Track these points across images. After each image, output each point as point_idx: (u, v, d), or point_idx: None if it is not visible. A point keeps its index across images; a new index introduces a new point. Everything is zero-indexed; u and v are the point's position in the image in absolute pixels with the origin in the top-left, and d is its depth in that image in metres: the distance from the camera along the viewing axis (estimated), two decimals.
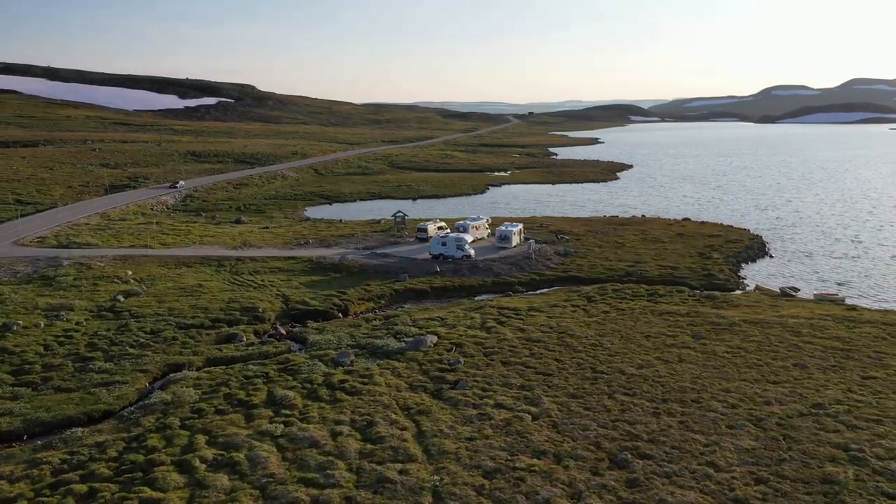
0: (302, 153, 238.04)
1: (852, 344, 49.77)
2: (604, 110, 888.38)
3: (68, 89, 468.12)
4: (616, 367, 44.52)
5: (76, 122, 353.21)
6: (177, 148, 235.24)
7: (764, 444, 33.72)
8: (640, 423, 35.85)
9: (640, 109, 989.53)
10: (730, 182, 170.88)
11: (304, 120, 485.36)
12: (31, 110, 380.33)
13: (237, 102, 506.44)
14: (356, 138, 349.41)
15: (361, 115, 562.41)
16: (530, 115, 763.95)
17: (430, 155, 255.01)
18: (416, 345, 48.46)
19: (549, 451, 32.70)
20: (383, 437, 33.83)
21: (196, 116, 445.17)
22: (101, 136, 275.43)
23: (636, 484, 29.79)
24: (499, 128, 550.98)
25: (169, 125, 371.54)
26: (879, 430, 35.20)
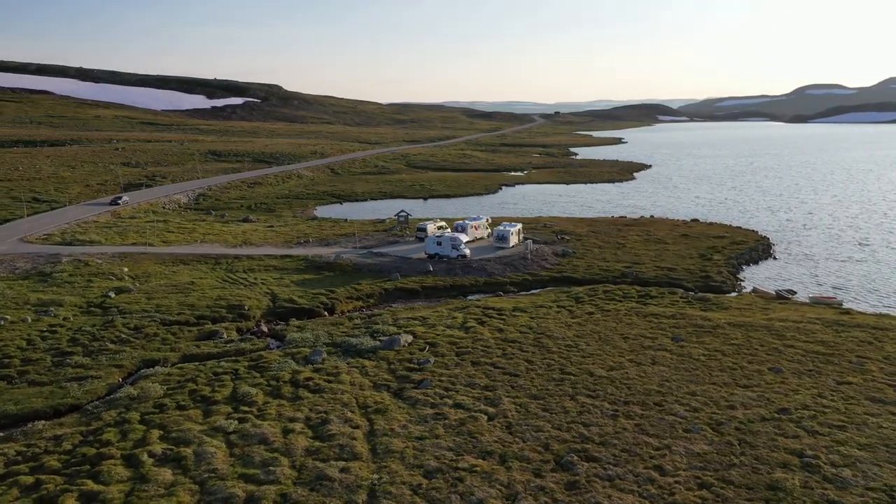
0: (321, 153, 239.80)
1: (836, 348, 48.75)
2: (631, 110, 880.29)
3: (99, 90, 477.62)
4: (586, 368, 44.15)
5: (105, 122, 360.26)
6: (198, 147, 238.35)
7: (717, 448, 33.21)
8: (595, 426, 35.53)
9: (668, 109, 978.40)
10: (746, 183, 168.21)
11: (329, 120, 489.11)
12: (63, 110, 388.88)
13: (263, 102, 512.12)
14: (378, 138, 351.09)
15: (386, 115, 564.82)
16: (556, 115, 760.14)
17: (448, 154, 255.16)
18: (389, 344, 48.60)
19: (495, 451, 32.58)
20: (333, 434, 34.00)
21: (222, 116, 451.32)
22: (127, 136, 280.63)
23: (576, 486, 29.55)
24: (523, 127, 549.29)
25: (195, 125, 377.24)
26: (841, 436, 34.45)
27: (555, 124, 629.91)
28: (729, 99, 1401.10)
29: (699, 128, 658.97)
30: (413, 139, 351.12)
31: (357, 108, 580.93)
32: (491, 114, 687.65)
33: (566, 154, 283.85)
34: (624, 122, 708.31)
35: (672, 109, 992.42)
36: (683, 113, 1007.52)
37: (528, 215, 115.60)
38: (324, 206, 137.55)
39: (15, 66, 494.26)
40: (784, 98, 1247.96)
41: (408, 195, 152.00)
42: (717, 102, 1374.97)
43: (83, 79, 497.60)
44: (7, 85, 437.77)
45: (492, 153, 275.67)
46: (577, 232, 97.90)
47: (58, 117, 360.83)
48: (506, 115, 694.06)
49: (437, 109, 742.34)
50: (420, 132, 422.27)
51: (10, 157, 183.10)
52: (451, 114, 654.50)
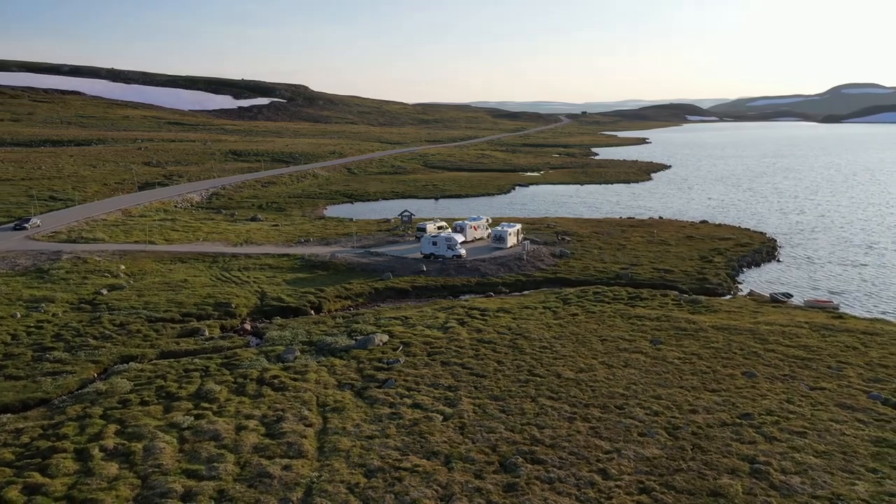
0: (339, 152, 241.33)
1: (817, 353, 47.81)
2: (659, 109, 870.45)
3: (129, 90, 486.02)
4: (555, 370, 43.88)
5: (133, 122, 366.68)
6: (220, 147, 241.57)
7: (668, 453, 32.78)
8: (549, 428, 35.29)
9: (697, 109, 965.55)
10: (763, 184, 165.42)
11: (353, 119, 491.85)
12: (93, 110, 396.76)
13: (289, 102, 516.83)
14: (400, 138, 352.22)
15: (410, 115, 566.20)
16: (583, 115, 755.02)
17: (466, 154, 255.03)
18: (363, 343, 48.80)
19: (442, 452, 32.55)
20: (285, 432, 34.26)
21: (248, 116, 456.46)
22: (152, 136, 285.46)
23: (514, 489, 29.39)
24: (548, 127, 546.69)
25: (220, 125, 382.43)
26: (799, 443, 33.78)
27: (581, 124, 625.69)
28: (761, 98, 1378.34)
29: (728, 128, 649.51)
30: (435, 139, 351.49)
31: (382, 108, 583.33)
32: (516, 114, 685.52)
33: (587, 154, 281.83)
34: (651, 122, 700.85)
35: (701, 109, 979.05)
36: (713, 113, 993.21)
37: (536, 216, 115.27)
38: (335, 205, 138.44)
39: (49, 68, 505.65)
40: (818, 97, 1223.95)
41: (420, 195, 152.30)
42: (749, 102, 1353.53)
43: (114, 79, 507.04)
44: (41, 86, 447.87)
45: (511, 153, 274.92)
46: (579, 233, 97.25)
47: (88, 117, 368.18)
48: (531, 115, 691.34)
49: (463, 109, 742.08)
50: (443, 132, 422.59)
51: (34, 157, 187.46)
52: (477, 114, 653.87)
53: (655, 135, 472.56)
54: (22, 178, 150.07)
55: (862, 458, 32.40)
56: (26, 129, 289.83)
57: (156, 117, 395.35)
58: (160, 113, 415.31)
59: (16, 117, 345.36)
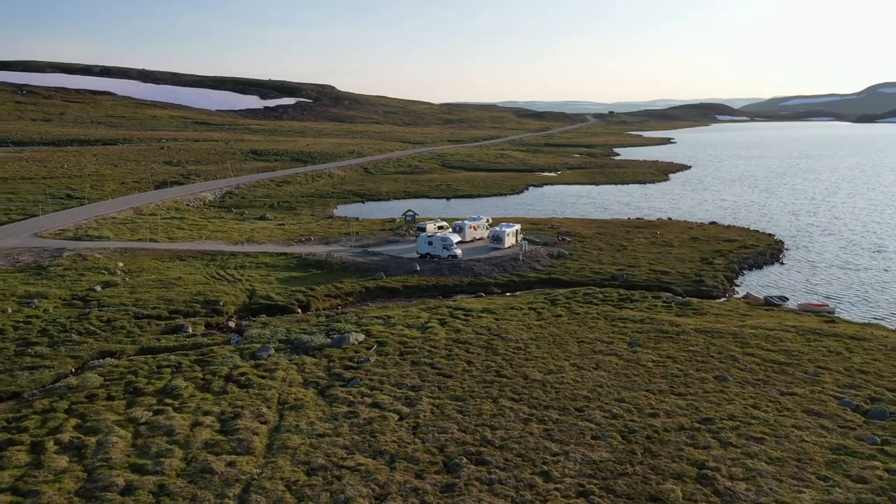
0: (358, 152, 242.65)
1: (797, 358, 46.90)
2: (688, 109, 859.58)
3: (159, 90, 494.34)
4: (523, 371, 43.67)
5: (160, 122, 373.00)
6: (241, 147, 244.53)
7: (617, 456, 32.43)
8: (503, 429, 35.15)
9: (727, 108, 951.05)
10: (782, 185, 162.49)
11: (378, 119, 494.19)
12: (122, 111, 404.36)
13: (315, 102, 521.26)
14: (422, 137, 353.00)
15: (435, 115, 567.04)
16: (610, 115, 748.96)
17: (486, 154, 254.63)
18: (338, 342, 49.06)
19: (388, 451, 32.62)
20: (238, 429, 34.62)
21: (274, 116, 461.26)
22: (177, 135, 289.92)
23: (451, 489, 29.35)
24: (572, 127, 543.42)
25: (245, 124, 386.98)
26: (754, 449, 33.18)
27: (607, 124, 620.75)
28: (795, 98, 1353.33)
29: (757, 128, 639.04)
30: (457, 139, 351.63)
31: (407, 107, 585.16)
32: (541, 114, 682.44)
33: (608, 154, 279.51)
34: (680, 122, 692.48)
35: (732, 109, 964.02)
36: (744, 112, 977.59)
37: (544, 216, 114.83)
38: (346, 204, 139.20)
39: (81, 69, 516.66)
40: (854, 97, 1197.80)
41: (432, 195, 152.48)
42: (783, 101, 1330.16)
43: (144, 80, 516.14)
44: (73, 86, 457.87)
45: (532, 153, 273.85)
46: (582, 233, 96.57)
47: (117, 117, 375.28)
48: (557, 114, 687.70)
49: (489, 109, 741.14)
50: (466, 132, 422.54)
51: (59, 156, 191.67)
52: (502, 114, 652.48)
53: (682, 135, 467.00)
54: (43, 176, 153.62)
55: (816, 466, 31.73)
56: (56, 128, 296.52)
57: (183, 117, 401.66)
58: (188, 113, 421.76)
59: (47, 117, 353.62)
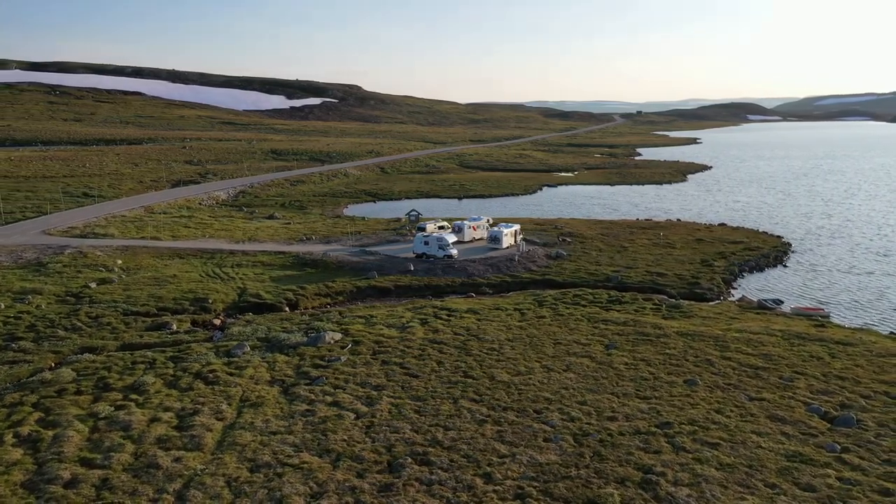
0: (377, 152, 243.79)
1: (775, 362, 46.07)
2: (718, 109, 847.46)
3: (188, 91, 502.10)
4: (491, 372, 43.54)
5: (187, 122, 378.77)
6: (262, 146, 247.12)
7: (564, 459, 32.18)
8: (455, 430, 35.10)
9: (759, 108, 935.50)
10: (800, 186, 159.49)
11: (402, 119, 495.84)
12: (151, 111, 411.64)
13: (340, 102, 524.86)
14: (445, 137, 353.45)
15: (460, 115, 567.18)
16: (638, 115, 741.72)
17: (505, 154, 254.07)
18: (314, 340, 49.40)
19: (335, 450, 32.78)
20: (193, 426, 35.09)
21: (300, 116, 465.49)
22: (202, 135, 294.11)
23: (389, 489, 29.41)
24: (598, 127, 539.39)
25: (270, 124, 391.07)
26: (706, 454, 32.67)
27: (634, 124, 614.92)
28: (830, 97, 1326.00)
29: (788, 128, 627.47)
30: (479, 139, 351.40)
31: (433, 107, 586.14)
32: (568, 113, 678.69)
33: (629, 155, 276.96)
34: (709, 122, 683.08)
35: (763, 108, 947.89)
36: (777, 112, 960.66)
37: (552, 216, 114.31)
38: (357, 204, 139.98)
39: (113, 70, 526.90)
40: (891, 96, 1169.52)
41: (444, 195, 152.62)
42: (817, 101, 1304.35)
43: (173, 80, 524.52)
44: (104, 87, 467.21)
45: (552, 153, 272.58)
46: (585, 234, 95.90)
47: (145, 117, 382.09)
48: (583, 114, 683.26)
49: (516, 109, 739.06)
50: (489, 132, 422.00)
51: (82, 155, 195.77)
52: (528, 114, 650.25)
53: (709, 135, 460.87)
54: (64, 175, 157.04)
55: (766, 473, 31.15)
56: (85, 128, 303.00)
57: (210, 117, 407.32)
58: (215, 113, 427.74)
59: (78, 117, 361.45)
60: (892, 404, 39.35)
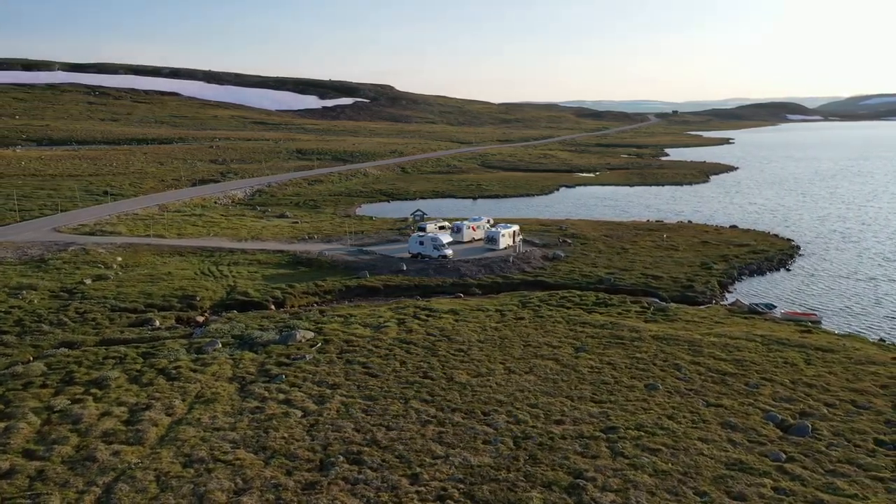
0: (400, 151, 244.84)
1: (745, 368, 45.17)
2: (757, 109, 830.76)
3: (223, 91, 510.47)
4: (451, 374, 43.50)
5: (220, 122, 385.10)
6: (288, 146, 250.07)
7: (498, 462, 32.03)
8: (397, 430, 35.19)
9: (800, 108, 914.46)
10: (823, 188, 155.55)
11: (433, 119, 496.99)
12: (186, 111, 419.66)
13: (372, 102, 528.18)
14: (473, 137, 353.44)
15: (492, 115, 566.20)
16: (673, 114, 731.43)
17: (528, 154, 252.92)
18: (285, 339, 49.93)
19: (272, 448, 33.13)
20: (142, 420, 35.79)
21: (331, 116, 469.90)
22: (231, 135, 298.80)
23: (312, 487, 29.63)
24: (630, 127, 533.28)
25: (301, 124, 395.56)
26: (644, 460, 32.20)
27: (668, 124, 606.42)
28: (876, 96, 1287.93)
29: (828, 128, 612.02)
30: (507, 139, 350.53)
31: (464, 107, 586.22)
32: (601, 113, 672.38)
33: (656, 155, 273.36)
34: (746, 122, 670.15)
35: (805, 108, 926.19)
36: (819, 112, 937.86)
37: (562, 217, 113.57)
38: (371, 203, 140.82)
39: (151, 70, 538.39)
40: None
41: (459, 195, 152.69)
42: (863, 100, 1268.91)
43: (209, 81, 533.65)
44: (142, 87, 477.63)
45: (578, 153, 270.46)
46: (588, 235, 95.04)
47: (180, 117, 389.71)
48: (617, 114, 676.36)
49: (550, 109, 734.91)
50: (519, 132, 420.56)
51: (111, 154, 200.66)
52: (561, 113, 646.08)
53: (743, 135, 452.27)
54: (90, 173, 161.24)
55: (699, 481, 30.58)
56: (120, 128, 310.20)
57: (243, 117, 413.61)
58: (248, 113, 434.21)
59: (115, 117, 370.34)
60: (855, 413, 38.33)
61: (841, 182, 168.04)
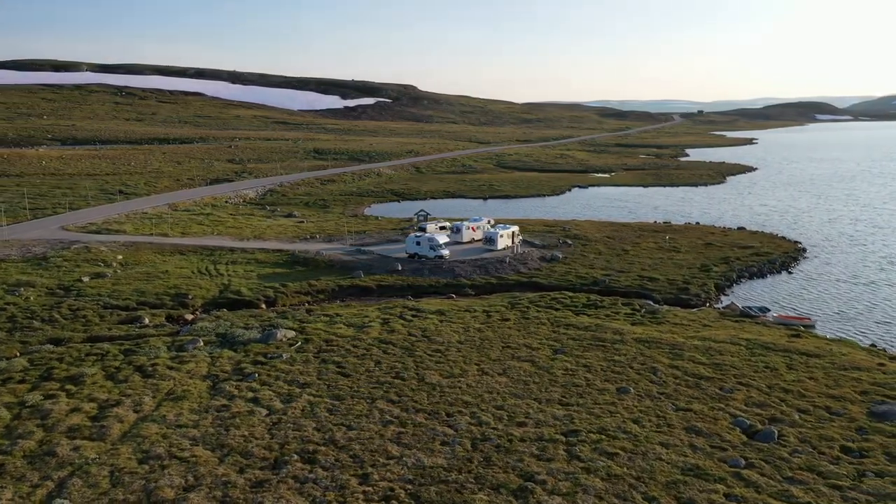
0: (417, 151, 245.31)
1: (723, 372, 44.60)
2: (785, 108, 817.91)
3: (246, 91, 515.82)
4: (423, 374, 43.55)
5: (243, 122, 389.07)
6: (306, 146, 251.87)
7: (451, 463, 32.02)
8: (357, 430, 35.33)
9: (830, 108, 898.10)
10: (839, 189, 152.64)
11: (454, 119, 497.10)
12: (210, 111, 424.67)
13: (394, 102, 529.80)
14: (492, 137, 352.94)
15: (514, 115, 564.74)
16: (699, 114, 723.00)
17: (545, 155, 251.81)
18: (266, 338, 50.35)
19: (230, 445, 33.47)
20: (108, 416, 36.37)
21: (352, 116, 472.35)
22: (251, 134, 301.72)
23: (261, 485, 29.88)
24: (653, 127, 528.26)
25: (322, 124, 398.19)
26: (599, 465, 31.96)
27: (693, 124, 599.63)
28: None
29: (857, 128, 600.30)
30: (526, 139, 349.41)
31: (486, 107, 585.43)
32: (625, 113, 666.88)
33: (676, 155, 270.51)
34: (773, 122, 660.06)
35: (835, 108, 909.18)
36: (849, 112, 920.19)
37: (569, 218, 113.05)
38: (381, 203, 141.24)
39: (177, 71, 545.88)
40: None
41: (470, 195, 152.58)
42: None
43: (233, 81, 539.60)
44: (168, 88, 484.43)
45: (596, 154, 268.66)
46: (590, 237, 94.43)
47: (203, 117, 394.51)
48: (640, 114, 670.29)
49: (575, 108, 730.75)
50: (539, 132, 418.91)
51: (130, 154, 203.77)
52: (584, 113, 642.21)
53: (768, 135, 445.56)
54: (107, 172, 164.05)
55: (651, 486, 30.28)
56: (144, 128, 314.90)
57: (265, 117, 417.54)
58: (270, 113, 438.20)
59: (140, 117, 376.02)
60: (828, 420, 37.67)
61: (860, 184, 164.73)
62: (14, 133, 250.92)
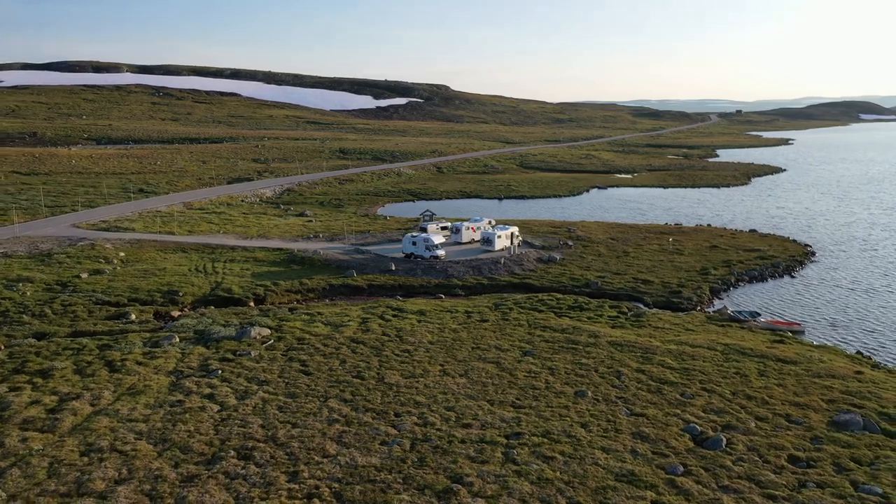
0: (440, 151, 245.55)
1: (689, 378, 43.87)
2: (828, 108, 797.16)
3: (280, 91, 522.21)
4: (384, 374, 43.75)
5: (275, 121, 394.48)
6: (332, 146, 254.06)
7: (385, 464, 32.11)
8: (301, 428, 35.66)
9: (876, 107, 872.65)
10: (864, 193, 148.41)
11: (485, 119, 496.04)
12: (244, 111, 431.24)
13: (425, 102, 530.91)
14: (521, 137, 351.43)
15: (546, 114, 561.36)
16: (737, 114, 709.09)
17: (570, 155, 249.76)
18: (240, 335, 51.08)
19: (172, 440, 34.07)
20: (63, 409, 37.34)
21: (384, 116, 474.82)
22: (280, 134, 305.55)
23: (191, 480, 30.37)
24: (687, 127, 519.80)
25: (353, 124, 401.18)
26: (532, 468, 31.74)
27: (730, 123, 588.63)
28: None
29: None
30: (555, 139, 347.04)
31: (518, 107, 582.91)
32: (659, 113, 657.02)
33: (706, 156, 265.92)
34: (815, 122, 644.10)
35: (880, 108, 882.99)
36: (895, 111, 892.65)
37: (578, 219, 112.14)
38: (396, 203, 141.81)
39: (213, 72, 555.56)
40: None
41: (486, 195, 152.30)
42: None
43: (268, 82, 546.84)
44: (204, 88, 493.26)
45: (623, 154, 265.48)
46: (593, 238, 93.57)
47: (237, 117, 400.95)
48: (676, 114, 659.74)
49: (609, 108, 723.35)
50: (569, 132, 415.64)
51: (158, 153, 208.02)
52: (618, 113, 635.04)
53: (807, 135, 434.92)
54: (133, 171, 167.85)
55: (579, 491, 29.97)
56: (178, 127, 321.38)
57: (297, 117, 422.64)
58: (303, 113, 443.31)
59: (175, 117, 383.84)
60: (784, 428, 36.79)
61: (888, 186, 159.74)
62: (52, 133, 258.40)
